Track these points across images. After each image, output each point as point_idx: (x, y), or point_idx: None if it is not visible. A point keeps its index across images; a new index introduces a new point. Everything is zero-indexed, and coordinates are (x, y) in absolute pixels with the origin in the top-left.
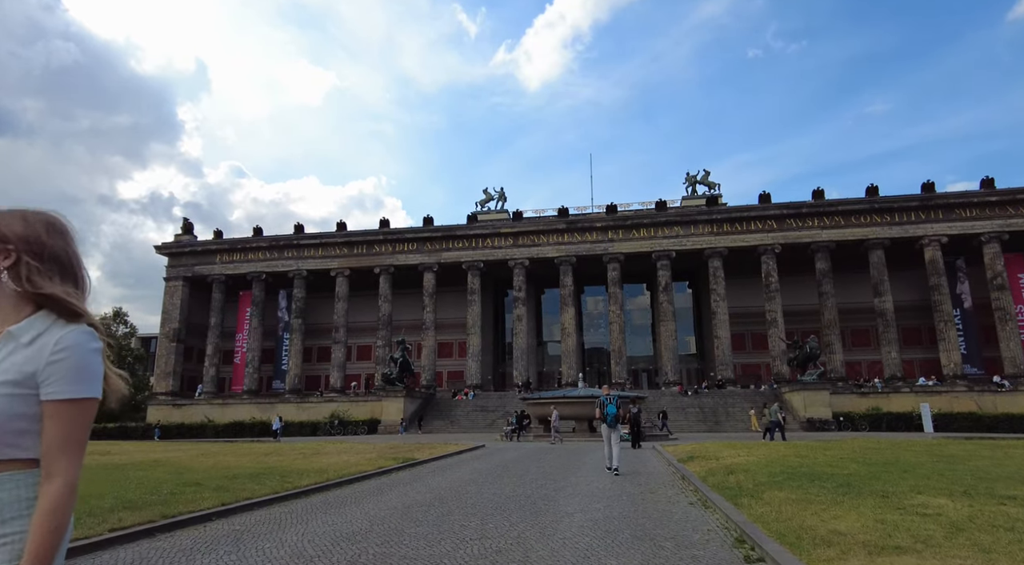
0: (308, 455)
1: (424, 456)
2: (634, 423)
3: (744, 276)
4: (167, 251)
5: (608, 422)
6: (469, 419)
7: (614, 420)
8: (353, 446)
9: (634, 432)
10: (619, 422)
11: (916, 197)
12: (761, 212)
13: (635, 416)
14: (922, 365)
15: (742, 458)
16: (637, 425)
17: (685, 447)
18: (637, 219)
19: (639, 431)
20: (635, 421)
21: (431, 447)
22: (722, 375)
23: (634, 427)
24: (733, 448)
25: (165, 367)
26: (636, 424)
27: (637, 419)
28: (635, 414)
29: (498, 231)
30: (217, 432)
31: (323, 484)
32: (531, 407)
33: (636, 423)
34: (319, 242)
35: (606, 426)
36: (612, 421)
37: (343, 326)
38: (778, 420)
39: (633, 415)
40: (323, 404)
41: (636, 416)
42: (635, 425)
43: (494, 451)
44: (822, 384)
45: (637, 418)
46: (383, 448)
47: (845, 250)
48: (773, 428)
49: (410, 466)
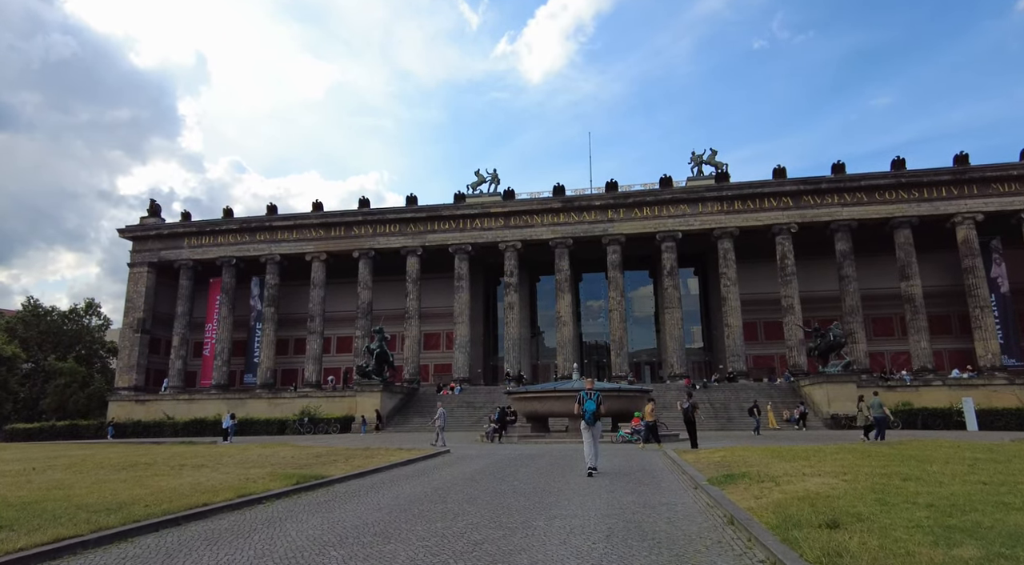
0: (190, 466)
1: (341, 472)
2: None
3: (756, 261)
4: (131, 235)
5: (586, 419)
6: (453, 416)
7: (592, 417)
8: (275, 451)
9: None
10: (598, 419)
11: (948, 170)
12: (776, 188)
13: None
14: (952, 356)
15: (816, 478)
16: (692, 424)
17: (710, 454)
18: (639, 197)
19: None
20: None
21: (373, 454)
22: (733, 367)
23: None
24: (781, 458)
25: (128, 360)
26: (691, 423)
27: (690, 416)
28: (687, 409)
29: (488, 211)
30: (176, 430)
31: (79, 539)
32: (517, 402)
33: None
34: (293, 223)
35: (584, 423)
36: (590, 418)
37: (319, 315)
38: (884, 416)
39: (685, 410)
40: (296, 400)
41: (689, 411)
42: (690, 423)
43: (457, 460)
44: (848, 376)
45: (689, 414)
46: (304, 456)
47: (866, 231)
48: (881, 424)
49: (306, 489)
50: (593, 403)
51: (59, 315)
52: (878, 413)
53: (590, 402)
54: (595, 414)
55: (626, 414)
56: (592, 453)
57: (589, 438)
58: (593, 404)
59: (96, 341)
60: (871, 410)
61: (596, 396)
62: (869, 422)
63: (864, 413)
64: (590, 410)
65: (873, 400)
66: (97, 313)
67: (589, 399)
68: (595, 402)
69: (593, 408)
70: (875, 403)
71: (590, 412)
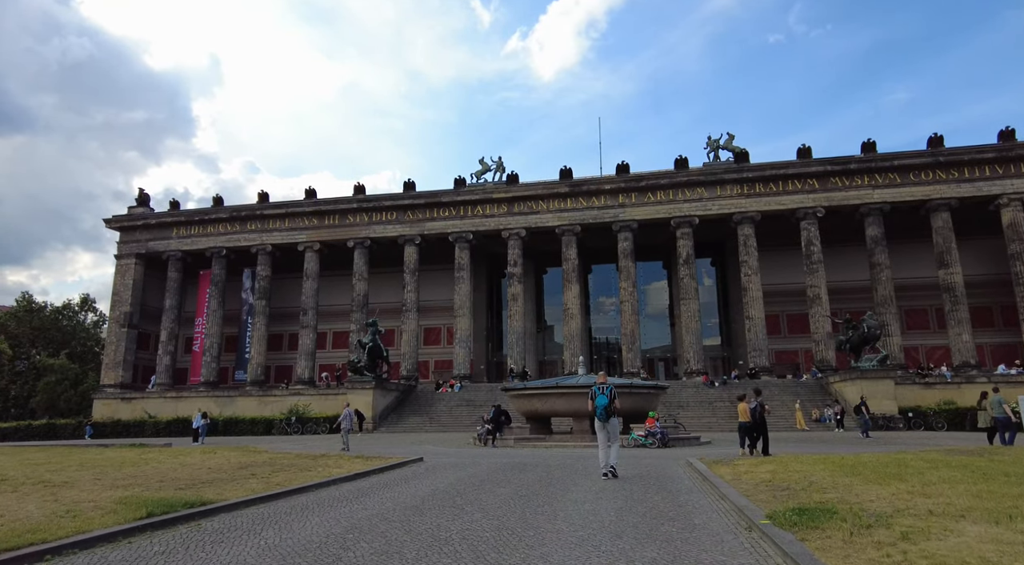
0: (31, 484)
1: (241, 494)
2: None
3: (777, 249)
4: (118, 225)
5: (598, 415)
6: (451, 415)
7: (604, 413)
8: (193, 460)
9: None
10: (612, 416)
11: (992, 147)
12: (801, 169)
13: (755, 412)
14: (995, 351)
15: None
16: (764, 427)
17: (753, 465)
18: (653, 179)
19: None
20: (759, 420)
21: (318, 465)
22: (755, 363)
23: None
24: (860, 475)
25: (115, 356)
26: (761, 426)
27: (759, 416)
28: (753, 409)
29: (490, 197)
30: (158, 430)
31: None
32: (515, 400)
33: (762, 423)
34: (285, 212)
35: (597, 421)
36: (603, 414)
37: (312, 308)
38: (1006, 416)
39: (752, 410)
40: (288, 398)
41: (757, 412)
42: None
43: (424, 472)
44: (885, 371)
45: (758, 415)
46: (223, 467)
47: (897, 216)
48: (1013, 426)
49: (160, 525)
50: (605, 398)
51: (53, 311)
52: (999, 413)
53: (602, 396)
54: (607, 409)
55: (640, 414)
56: (607, 453)
57: (604, 437)
58: (605, 399)
59: (91, 337)
60: (995, 409)
61: (609, 390)
62: (991, 423)
63: (989, 412)
64: (602, 405)
65: (994, 398)
66: (93, 309)
67: (601, 393)
68: (608, 397)
69: (605, 403)
70: (996, 401)
71: (602, 407)
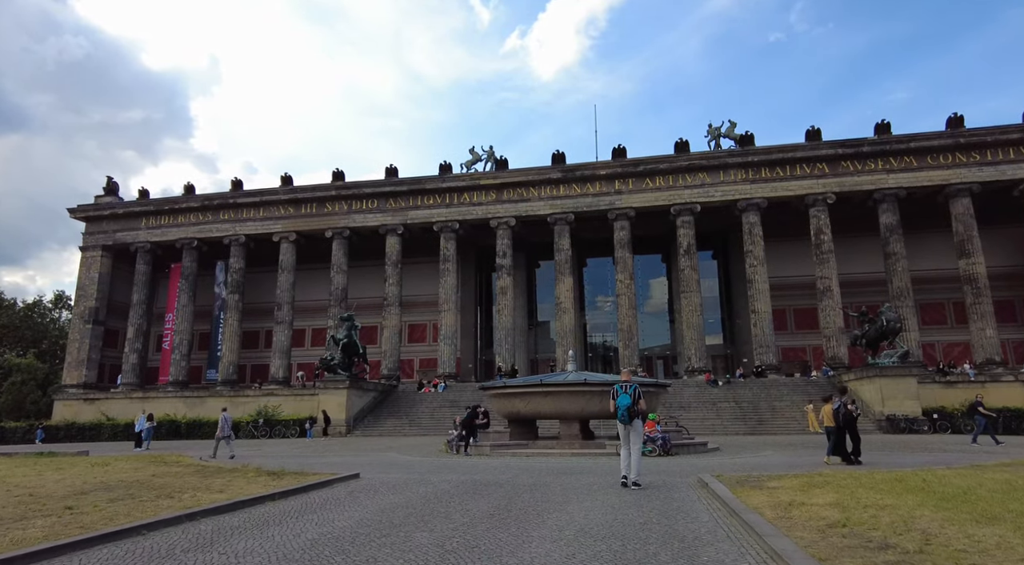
0: None
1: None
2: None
3: (783, 240)
4: (83, 214)
5: (620, 417)
6: (433, 417)
7: (627, 415)
8: (27, 479)
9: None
10: (635, 417)
11: (1016, 127)
12: (810, 152)
13: (847, 416)
14: (1019, 347)
15: None
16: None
17: (798, 493)
18: (652, 164)
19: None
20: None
21: (228, 484)
22: (762, 360)
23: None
24: (966, 513)
25: (78, 354)
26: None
27: (851, 420)
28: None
29: (478, 183)
30: (115, 433)
31: None
32: (494, 400)
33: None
34: (260, 200)
35: (620, 424)
36: (625, 416)
37: (288, 303)
38: None
39: (843, 414)
40: (260, 398)
41: (848, 416)
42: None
43: (344, 498)
44: (906, 368)
45: (850, 418)
46: (42, 490)
47: (912, 204)
48: None
49: None
50: (628, 397)
51: (24, 308)
52: None
53: (624, 396)
54: (630, 410)
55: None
56: (629, 460)
57: (626, 441)
58: (628, 399)
59: (64, 336)
60: None
61: (633, 389)
62: None
63: None
64: (624, 405)
65: None
66: (68, 307)
67: (624, 393)
68: (631, 396)
69: (628, 403)
70: None
71: (624, 408)
